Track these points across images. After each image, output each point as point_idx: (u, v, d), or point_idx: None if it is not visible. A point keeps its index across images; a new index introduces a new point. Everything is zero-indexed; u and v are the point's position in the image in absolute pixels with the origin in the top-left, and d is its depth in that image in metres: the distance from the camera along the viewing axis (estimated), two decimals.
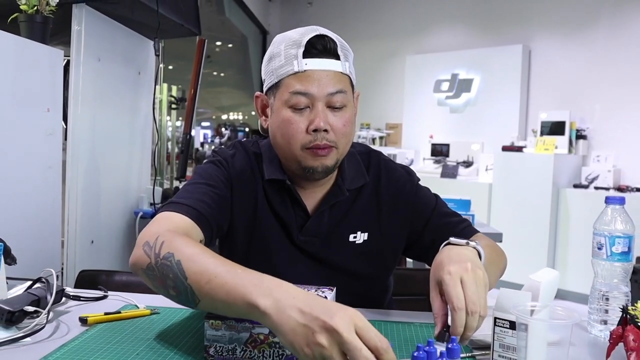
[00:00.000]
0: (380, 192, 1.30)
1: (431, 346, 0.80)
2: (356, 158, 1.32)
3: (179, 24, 2.59)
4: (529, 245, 4.91)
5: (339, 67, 1.17)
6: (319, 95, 1.14)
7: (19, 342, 0.97)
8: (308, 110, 1.15)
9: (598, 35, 5.41)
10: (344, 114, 1.18)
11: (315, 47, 1.15)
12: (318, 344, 0.73)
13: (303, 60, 1.14)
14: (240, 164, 1.26)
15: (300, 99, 1.14)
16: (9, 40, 1.82)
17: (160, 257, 0.95)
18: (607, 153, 5.22)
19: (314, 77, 1.14)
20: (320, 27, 1.19)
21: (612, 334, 0.95)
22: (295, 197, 1.24)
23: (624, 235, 1.08)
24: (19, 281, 1.22)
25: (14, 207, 1.72)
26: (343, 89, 1.17)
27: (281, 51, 1.16)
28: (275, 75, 1.17)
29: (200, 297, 0.89)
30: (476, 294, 0.94)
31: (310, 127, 1.15)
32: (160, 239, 0.98)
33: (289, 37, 1.17)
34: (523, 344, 0.86)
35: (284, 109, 1.16)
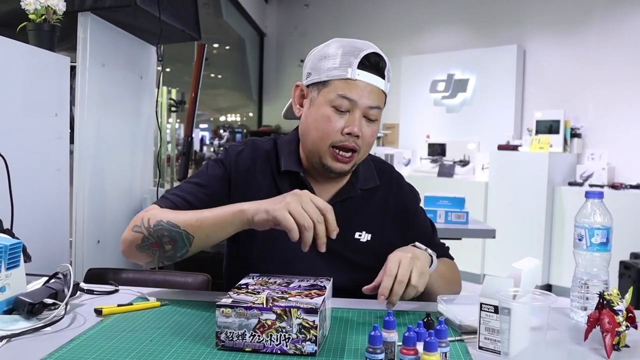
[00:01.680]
0: (389, 200, 1.43)
1: (421, 327, 0.88)
2: (369, 163, 1.45)
3: (180, 29, 2.66)
4: (524, 243, 4.99)
5: (382, 85, 1.31)
6: (361, 105, 1.28)
7: (40, 332, 1.05)
8: (347, 114, 1.29)
9: (591, 35, 5.50)
10: (374, 126, 1.33)
11: (370, 61, 1.29)
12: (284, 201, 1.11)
13: (357, 70, 1.27)
14: (246, 159, 1.38)
15: (345, 102, 1.28)
16: (19, 49, 1.89)
17: (152, 227, 1.23)
18: (601, 151, 5.29)
19: (362, 87, 1.28)
20: (375, 46, 1.33)
21: (589, 317, 1.03)
22: (309, 189, 1.31)
23: (603, 227, 1.15)
24: (34, 277, 1.29)
25: (25, 208, 1.79)
26: (380, 105, 1.32)
27: (338, 55, 1.29)
28: (326, 75, 1.29)
29: (194, 234, 1.20)
30: (408, 270, 1.15)
31: (346, 130, 1.28)
32: (146, 217, 1.25)
33: (349, 45, 1.30)
34: (506, 326, 0.93)
35: (326, 107, 1.29)
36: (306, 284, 1.11)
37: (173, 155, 4.58)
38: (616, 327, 0.98)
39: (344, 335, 1.07)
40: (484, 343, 0.99)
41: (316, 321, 0.94)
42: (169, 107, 4.33)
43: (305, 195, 1.13)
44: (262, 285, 1.09)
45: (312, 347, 0.94)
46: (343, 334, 1.07)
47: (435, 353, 0.82)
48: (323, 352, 0.97)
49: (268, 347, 0.95)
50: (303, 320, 0.94)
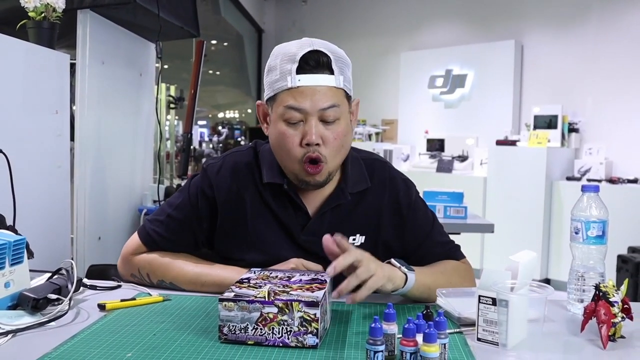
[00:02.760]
0: (382, 199, 1.36)
1: (420, 319, 0.90)
2: (359, 163, 1.37)
3: (179, 26, 2.67)
4: (523, 238, 5.01)
5: (332, 81, 1.21)
6: (312, 111, 1.19)
7: (44, 327, 1.06)
8: (302, 124, 1.21)
9: (589, 29, 5.51)
10: (337, 127, 1.23)
11: (308, 62, 1.19)
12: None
13: (296, 76, 1.19)
14: (227, 178, 1.34)
15: (294, 113, 1.20)
16: (19, 46, 1.90)
17: (155, 283, 1.34)
18: (599, 146, 5.31)
19: (307, 92, 1.19)
20: (317, 40, 1.24)
21: (586, 309, 1.04)
22: (295, 200, 1.31)
23: (599, 220, 1.17)
24: (37, 273, 1.31)
25: (27, 205, 1.80)
26: (336, 103, 1.21)
27: (277, 65, 1.22)
28: (272, 89, 1.23)
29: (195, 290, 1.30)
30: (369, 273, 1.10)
31: (303, 141, 1.21)
32: (144, 272, 1.35)
33: (285, 52, 1.22)
34: (504, 318, 0.95)
35: (280, 122, 1.23)
36: (307, 278, 1.13)
37: (172, 152, 4.59)
38: (612, 318, 1.00)
39: (345, 327, 1.08)
40: (482, 335, 1.00)
41: (317, 314, 0.95)
42: (168, 104, 4.34)
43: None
44: (263, 280, 1.10)
45: (314, 340, 0.96)
46: (344, 327, 1.09)
47: (435, 344, 0.83)
48: (324, 344, 0.99)
49: (270, 340, 0.96)
50: (304, 313, 0.96)
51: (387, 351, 0.90)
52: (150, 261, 1.35)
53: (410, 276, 1.20)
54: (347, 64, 1.26)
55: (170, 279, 1.32)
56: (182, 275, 1.32)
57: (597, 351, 0.98)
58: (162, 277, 1.33)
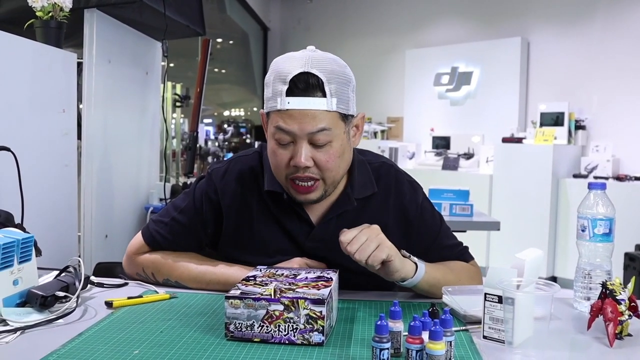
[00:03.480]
0: (388, 203, 1.34)
1: (426, 317, 0.90)
2: (366, 167, 1.35)
3: (185, 25, 2.68)
4: (529, 236, 4.99)
5: (323, 105, 1.16)
6: (300, 134, 1.16)
7: (52, 324, 1.07)
8: (292, 144, 1.19)
9: (595, 26, 5.48)
10: (329, 149, 1.19)
11: (298, 85, 1.15)
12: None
13: (286, 98, 1.16)
14: (231, 182, 1.34)
15: (283, 135, 1.18)
16: (26, 45, 1.91)
17: (161, 282, 1.35)
18: (605, 143, 5.28)
19: (296, 115, 1.16)
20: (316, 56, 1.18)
21: (592, 307, 1.04)
22: (296, 210, 1.30)
23: (605, 218, 1.16)
24: (45, 271, 1.32)
25: (34, 204, 1.81)
26: (326, 126, 1.17)
27: (271, 83, 1.19)
28: (266, 105, 1.22)
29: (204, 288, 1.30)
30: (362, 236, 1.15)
31: (291, 163, 1.19)
32: (149, 271, 1.36)
33: (279, 70, 1.18)
34: (510, 316, 0.95)
35: (272, 140, 1.22)
36: (313, 275, 1.13)
37: (178, 150, 4.60)
38: (619, 316, 1.00)
39: (351, 325, 1.09)
40: (489, 332, 1.01)
41: (323, 312, 0.96)
42: (174, 103, 4.35)
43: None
44: (269, 277, 1.11)
45: (320, 337, 0.96)
46: (350, 324, 1.09)
47: (441, 341, 0.83)
48: (330, 342, 0.99)
49: (276, 337, 0.97)
50: (310, 310, 0.96)
51: (393, 349, 0.91)
52: (155, 261, 1.36)
53: (421, 265, 1.21)
54: (346, 81, 1.20)
55: (175, 278, 1.33)
56: (187, 274, 1.32)
57: (604, 349, 0.98)
58: (168, 276, 1.34)
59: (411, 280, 1.20)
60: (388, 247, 1.15)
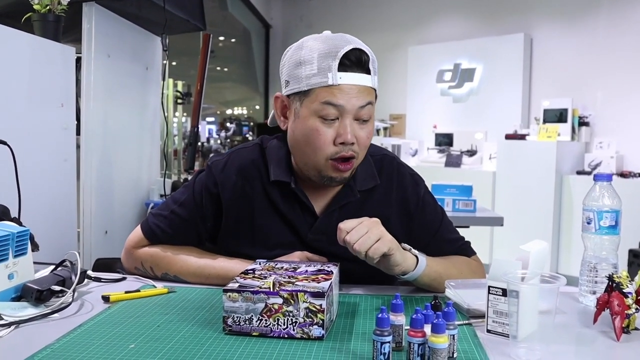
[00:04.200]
0: (391, 195, 1.34)
1: (428, 310, 0.88)
2: (368, 160, 1.34)
3: (185, 19, 2.66)
4: (533, 232, 4.96)
5: (369, 81, 1.20)
6: (351, 109, 1.18)
7: (47, 318, 1.05)
8: (337, 121, 1.19)
9: (599, 22, 5.45)
10: (369, 126, 1.23)
11: (350, 59, 1.17)
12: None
13: (338, 73, 1.16)
14: (232, 175, 1.32)
15: (331, 110, 1.17)
16: (24, 39, 1.89)
17: (159, 276, 1.33)
18: (609, 139, 5.26)
19: (346, 90, 1.17)
20: (352, 38, 1.22)
21: (598, 300, 1.02)
22: (302, 199, 1.29)
23: (611, 210, 1.14)
24: (42, 265, 1.30)
25: (33, 199, 1.80)
26: (371, 100, 1.21)
27: (314, 59, 1.17)
28: (306, 84, 1.18)
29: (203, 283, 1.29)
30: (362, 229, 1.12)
31: (338, 140, 1.19)
32: (147, 265, 1.34)
33: (325, 44, 1.18)
34: (515, 309, 0.92)
35: (313, 118, 1.19)
36: (313, 269, 1.11)
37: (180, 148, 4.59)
38: (626, 309, 0.98)
39: (352, 319, 1.06)
40: (492, 326, 0.98)
41: (323, 305, 0.94)
42: (175, 99, 4.34)
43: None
44: (268, 271, 1.09)
45: (320, 331, 0.94)
46: (350, 318, 1.07)
47: (444, 335, 0.81)
48: (330, 335, 0.97)
49: (275, 331, 0.95)
50: (310, 304, 0.94)
51: (395, 342, 0.89)
52: (153, 254, 1.34)
53: (422, 259, 1.19)
54: (376, 62, 1.25)
55: (174, 272, 1.32)
56: (185, 268, 1.31)
57: (611, 343, 0.96)
58: (166, 270, 1.32)
59: (412, 274, 1.18)
60: (389, 240, 1.13)
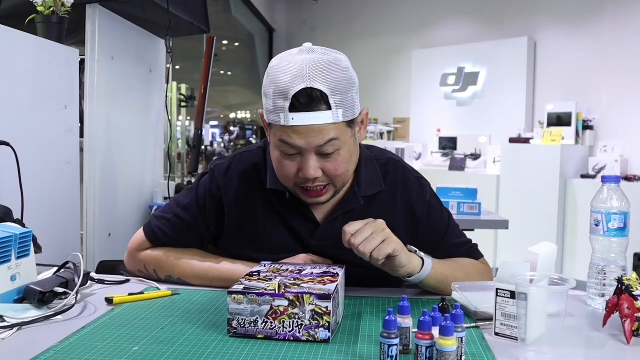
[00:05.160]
0: (396, 200, 1.31)
1: (436, 312, 0.86)
2: (373, 164, 1.31)
3: (189, 22, 2.66)
4: (537, 236, 4.93)
5: (329, 118, 1.09)
6: (308, 148, 1.12)
7: (50, 320, 1.04)
8: (299, 155, 1.14)
9: (603, 26, 5.43)
10: (337, 157, 1.15)
11: (300, 101, 1.08)
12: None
13: (290, 114, 1.09)
14: (234, 179, 1.30)
15: (288, 148, 1.13)
16: (28, 41, 1.89)
17: (163, 279, 1.32)
18: (614, 143, 5.23)
19: (301, 131, 1.10)
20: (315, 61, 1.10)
21: (608, 303, 1.01)
22: (301, 209, 1.27)
23: (620, 212, 1.13)
24: (45, 267, 1.29)
25: (36, 201, 1.79)
26: (334, 136, 1.11)
27: (270, 95, 1.11)
28: (267, 117, 1.15)
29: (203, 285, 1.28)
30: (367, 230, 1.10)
31: (300, 175, 1.15)
32: (150, 268, 1.33)
33: (278, 81, 1.10)
34: (523, 312, 0.91)
35: (276, 150, 1.16)
36: (319, 271, 1.10)
37: (184, 152, 4.58)
38: (636, 312, 0.96)
39: (358, 321, 1.05)
40: (500, 329, 0.97)
41: (329, 307, 0.92)
42: (179, 103, 4.34)
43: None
44: (274, 273, 1.08)
45: (326, 334, 0.93)
46: (357, 321, 1.06)
47: (452, 337, 0.80)
48: (337, 338, 0.96)
49: (281, 334, 0.94)
50: (316, 306, 0.93)
51: (402, 345, 0.87)
52: (157, 257, 1.33)
53: (427, 261, 1.17)
54: (349, 86, 1.12)
55: (177, 275, 1.31)
56: (189, 271, 1.29)
57: (621, 346, 0.95)
58: (170, 273, 1.31)
59: (418, 276, 1.16)
60: (394, 241, 1.11)
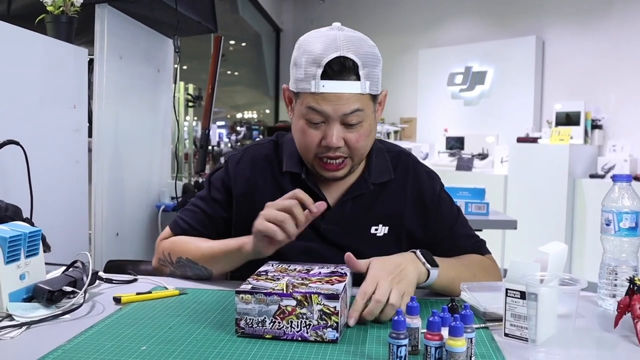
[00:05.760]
0: (406, 190, 1.34)
1: (445, 312, 0.86)
2: (384, 155, 1.36)
3: (197, 21, 2.66)
4: (545, 237, 4.89)
5: (357, 88, 1.17)
6: (334, 116, 1.17)
7: (59, 319, 1.04)
8: (324, 124, 1.20)
9: (612, 24, 5.40)
10: (360, 129, 1.20)
11: (333, 68, 1.15)
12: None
13: (321, 81, 1.15)
14: (245, 168, 1.36)
15: (315, 116, 1.18)
16: (37, 40, 1.89)
17: (174, 263, 1.34)
18: (623, 142, 5.20)
19: (330, 98, 1.16)
20: (346, 36, 1.18)
21: (619, 303, 1.00)
22: (313, 190, 1.29)
23: (631, 212, 1.12)
24: (53, 266, 1.29)
25: (45, 200, 1.79)
26: (360, 107, 1.18)
27: (302, 64, 1.17)
28: (296, 86, 1.20)
29: (211, 268, 1.29)
30: (387, 291, 1.01)
31: (323, 143, 1.20)
32: (166, 251, 1.36)
33: (311, 50, 1.17)
34: (533, 312, 0.90)
35: (301, 119, 1.21)
36: (327, 271, 1.09)
37: (191, 152, 4.58)
38: None
39: (366, 322, 1.04)
40: (510, 330, 0.96)
41: (337, 307, 0.92)
42: (186, 103, 4.33)
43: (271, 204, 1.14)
44: (281, 272, 1.07)
45: (334, 334, 0.92)
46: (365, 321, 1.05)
47: (462, 338, 0.79)
48: (345, 339, 0.95)
49: (288, 333, 0.93)
50: (324, 306, 0.92)
51: (411, 346, 0.87)
52: (173, 242, 1.38)
53: (433, 272, 1.15)
54: (376, 60, 1.21)
55: (187, 255, 1.32)
56: (196, 250, 1.31)
57: (633, 348, 0.94)
58: (181, 254, 1.33)
59: (423, 284, 1.16)
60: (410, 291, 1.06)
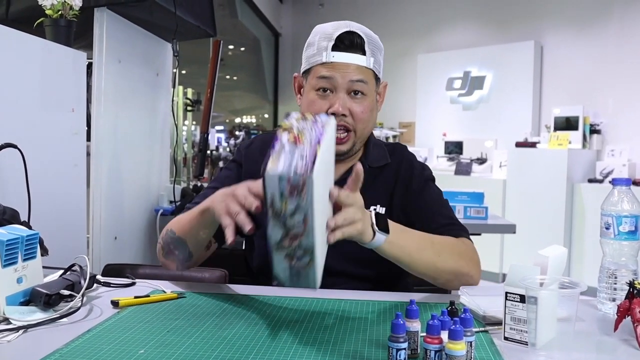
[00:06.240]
0: (399, 174, 1.44)
1: (445, 316, 0.85)
2: (381, 146, 1.48)
3: (196, 25, 2.66)
4: (544, 241, 4.90)
5: (363, 61, 1.31)
6: (342, 82, 1.30)
7: (56, 323, 1.04)
8: (331, 95, 1.31)
9: (610, 29, 5.41)
10: (364, 101, 1.33)
11: (343, 41, 1.31)
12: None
13: (331, 52, 1.30)
14: (255, 152, 1.44)
15: (324, 82, 1.31)
16: (36, 44, 1.89)
17: (163, 237, 1.33)
18: (621, 147, 5.21)
19: (339, 66, 1.30)
20: (354, 23, 1.35)
21: (619, 307, 0.99)
22: None
23: (631, 215, 1.11)
24: (51, 270, 1.28)
25: (43, 203, 1.79)
26: (364, 79, 1.31)
27: (315, 42, 1.34)
28: (308, 62, 1.35)
29: (185, 237, 1.26)
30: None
31: (330, 110, 1.30)
32: (163, 231, 1.35)
33: (324, 30, 1.34)
34: (533, 316, 0.90)
35: (311, 92, 1.34)
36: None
37: (189, 155, 4.58)
38: None
39: (366, 325, 1.04)
40: (510, 333, 0.96)
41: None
42: (185, 107, 4.33)
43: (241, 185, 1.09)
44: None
45: None
46: (364, 324, 1.05)
47: (461, 341, 0.79)
48: (344, 342, 0.95)
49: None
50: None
51: (410, 350, 0.86)
52: (171, 221, 1.38)
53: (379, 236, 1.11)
54: (380, 48, 1.36)
55: (171, 227, 1.32)
56: (177, 221, 1.31)
57: (633, 352, 0.94)
58: (169, 227, 1.33)
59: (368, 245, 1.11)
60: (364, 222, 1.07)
